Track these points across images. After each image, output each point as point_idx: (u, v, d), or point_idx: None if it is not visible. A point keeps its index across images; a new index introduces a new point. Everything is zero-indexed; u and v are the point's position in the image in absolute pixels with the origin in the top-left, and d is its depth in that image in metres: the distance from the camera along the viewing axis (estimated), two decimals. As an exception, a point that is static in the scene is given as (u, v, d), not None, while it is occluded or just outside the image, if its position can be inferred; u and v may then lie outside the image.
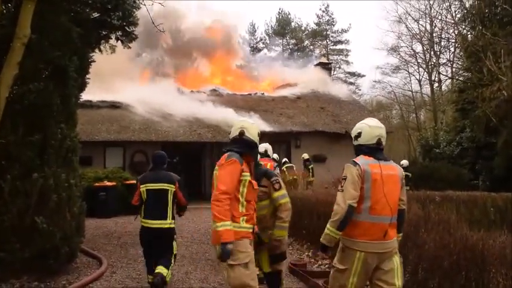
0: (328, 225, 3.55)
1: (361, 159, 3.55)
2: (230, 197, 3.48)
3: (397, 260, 3.53)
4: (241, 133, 3.88)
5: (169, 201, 5.59)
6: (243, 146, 3.81)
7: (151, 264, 5.49)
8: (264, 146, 6.70)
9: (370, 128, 3.66)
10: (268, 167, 5.65)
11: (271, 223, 4.24)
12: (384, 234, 3.43)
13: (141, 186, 5.81)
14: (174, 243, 5.72)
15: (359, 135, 3.69)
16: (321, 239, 3.61)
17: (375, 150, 3.60)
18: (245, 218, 3.62)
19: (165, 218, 5.50)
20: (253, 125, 4.05)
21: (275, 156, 15.91)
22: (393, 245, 3.52)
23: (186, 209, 6.02)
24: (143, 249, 5.70)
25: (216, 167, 3.68)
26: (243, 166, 3.63)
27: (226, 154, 3.68)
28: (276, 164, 14.80)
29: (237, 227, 3.51)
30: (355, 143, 3.74)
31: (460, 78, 28.05)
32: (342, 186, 3.52)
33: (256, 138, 3.96)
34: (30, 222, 5.74)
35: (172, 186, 5.65)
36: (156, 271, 5.23)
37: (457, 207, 9.65)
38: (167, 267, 5.35)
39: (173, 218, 5.63)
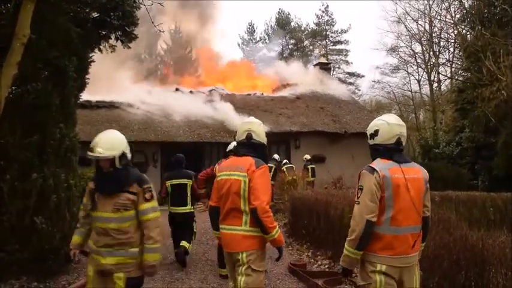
0: (346, 245, 3.16)
1: (379, 164, 3.16)
2: None
3: (416, 273, 3.20)
4: (249, 137, 3.79)
5: (188, 192, 7.41)
6: (253, 150, 3.71)
7: (177, 241, 7.25)
8: (234, 143, 6.54)
9: (389, 125, 3.24)
10: None
11: (136, 239, 3.60)
12: (411, 247, 3.08)
13: (167, 182, 7.55)
14: (194, 224, 7.66)
15: (376, 133, 3.29)
16: (340, 262, 3.26)
17: (393, 151, 3.20)
18: None
19: (186, 205, 7.40)
20: (260, 126, 3.93)
21: (276, 156, 16.02)
22: (416, 258, 3.20)
23: (199, 199, 7.64)
24: (171, 230, 7.45)
25: (244, 173, 3.53)
26: None
27: (252, 160, 3.58)
28: (276, 164, 14.95)
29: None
30: (371, 142, 3.36)
31: (460, 78, 28.02)
32: (358, 198, 3.12)
33: (264, 140, 3.88)
34: (30, 222, 5.74)
35: (190, 180, 7.45)
36: (180, 244, 7.11)
37: (456, 207, 9.68)
38: (189, 242, 7.26)
39: (192, 204, 7.48)
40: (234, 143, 6.40)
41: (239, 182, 3.54)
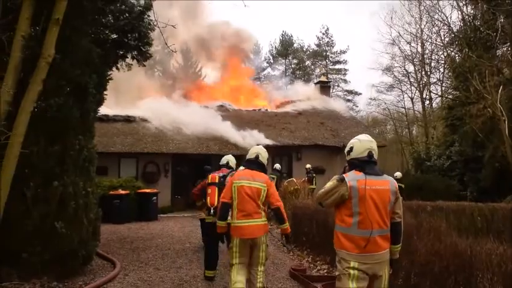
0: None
1: (351, 175, 3.45)
2: None
3: (385, 271, 3.44)
4: (257, 157, 4.98)
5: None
6: (259, 167, 4.92)
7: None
8: (226, 158, 7.06)
9: (360, 142, 3.59)
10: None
11: None
12: (375, 247, 3.34)
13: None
14: None
15: (351, 149, 3.61)
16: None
17: (366, 163, 3.48)
18: None
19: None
20: (265, 151, 5.11)
21: (278, 166, 16.04)
22: (385, 256, 3.42)
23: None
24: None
25: (264, 184, 4.74)
26: None
27: (265, 175, 4.91)
28: (277, 174, 14.97)
29: None
30: (348, 157, 3.65)
31: (449, 97, 28.05)
32: (324, 188, 3.56)
33: (266, 161, 5.06)
34: (50, 226, 5.75)
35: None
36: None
37: (446, 216, 9.64)
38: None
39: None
40: (227, 158, 7.00)
41: (260, 189, 4.71)
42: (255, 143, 18.58)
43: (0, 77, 5.42)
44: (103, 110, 11.02)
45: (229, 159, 7.06)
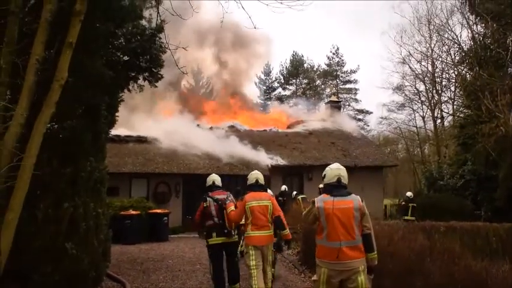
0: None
1: (319, 198, 4.24)
2: None
3: (362, 278, 3.97)
4: (257, 181, 6.12)
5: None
6: (260, 188, 6.09)
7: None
8: (212, 178, 7.26)
9: (331, 170, 4.37)
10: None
11: None
12: (344, 256, 3.97)
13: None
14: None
15: (324, 176, 4.40)
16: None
17: (334, 187, 4.23)
18: None
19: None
20: (261, 175, 6.18)
21: (283, 188, 15.80)
22: (355, 264, 3.99)
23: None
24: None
25: (269, 201, 5.93)
26: None
27: (268, 194, 6.12)
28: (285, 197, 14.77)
29: None
30: (323, 182, 4.43)
31: (461, 115, 27.87)
32: (305, 209, 4.45)
33: (263, 183, 6.13)
34: (61, 247, 5.75)
35: None
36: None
37: (460, 237, 9.44)
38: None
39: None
40: (213, 178, 7.20)
41: (268, 206, 5.88)
42: (268, 162, 18.58)
43: (14, 100, 5.51)
44: (114, 131, 11.16)
45: (215, 178, 7.25)
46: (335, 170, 4.36)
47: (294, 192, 16.25)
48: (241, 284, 6.77)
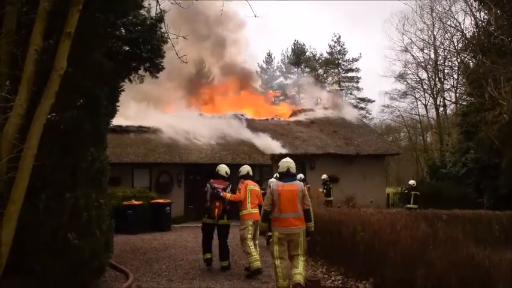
0: (260, 221, 6.35)
1: (273, 182, 6.28)
2: None
3: (301, 239, 5.76)
4: (248, 173, 7.97)
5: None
6: (251, 178, 7.91)
7: None
8: (217, 168, 8.56)
9: (283, 162, 6.14)
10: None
11: None
12: (290, 223, 5.70)
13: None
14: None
15: (278, 167, 6.17)
16: (259, 228, 7.21)
17: (284, 175, 6.04)
18: None
19: None
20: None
21: (300, 176, 15.70)
22: (298, 230, 5.73)
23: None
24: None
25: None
26: None
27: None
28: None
29: None
30: (278, 171, 6.32)
31: (464, 103, 27.71)
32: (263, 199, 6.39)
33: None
34: (63, 238, 5.75)
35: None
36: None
37: (463, 225, 9.42)
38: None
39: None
40: (218, 168, 8.41)
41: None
42: (270, 151, 18.55)
43: (14, 91, 5.47)
44: (116, 121, 11.11)
45: (219, 168, 8.44)
46: (285, 163, 6.08)
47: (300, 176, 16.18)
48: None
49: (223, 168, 8.35)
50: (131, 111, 18.72)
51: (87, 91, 6.43)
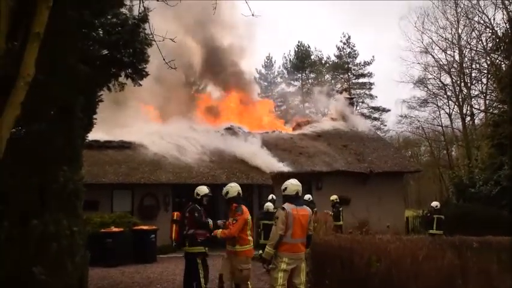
0: (267, 246, 6.26)
1: (287, 205, 6.26)
2: None
3: (303, 265, 6.29)
4: (239, 194, 7.55)
5: None
6: (241, 200, 7.54)
7: None
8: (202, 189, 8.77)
9: (292, 185, 6.49)
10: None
11: None
12: (298, 249, 6.17)
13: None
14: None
15: (285, 189, 6.49)
16: (262, 255, 6.36)
17: (294, 198, 6.38)
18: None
19: None
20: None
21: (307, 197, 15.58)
22: (303, 255, 6.29)
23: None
24: None
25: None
26: None
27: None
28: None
29: None
30: (283, 194, 6.52)
31: (495, 112, 27.79)
32: (275, 223, 6.23)
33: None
34: (28, 273, 5.66)
35: None
36: None
37: (497, 255, 9.31)
38: None
39: None
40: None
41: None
42: (270, 169, 18.51)
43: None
44: (93, 135, 11.10)
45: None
46: (295, 186, 6.47)
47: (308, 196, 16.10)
48: None
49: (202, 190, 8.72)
50: (111, 123, 18.70)
51: (59, 101, 6.41)
